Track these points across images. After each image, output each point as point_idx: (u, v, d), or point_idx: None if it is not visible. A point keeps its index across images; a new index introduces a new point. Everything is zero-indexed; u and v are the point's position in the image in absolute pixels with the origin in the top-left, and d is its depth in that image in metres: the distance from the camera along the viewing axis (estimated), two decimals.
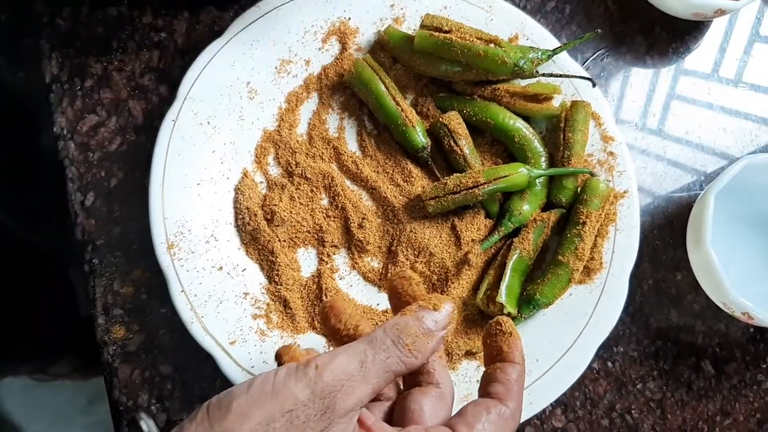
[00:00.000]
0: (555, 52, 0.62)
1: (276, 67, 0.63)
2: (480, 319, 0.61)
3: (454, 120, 0.62)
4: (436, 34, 0.61)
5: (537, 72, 0.62)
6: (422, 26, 0.62)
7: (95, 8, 0.65)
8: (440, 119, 0.62)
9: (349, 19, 0.64)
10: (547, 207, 0.63)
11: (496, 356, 0.39)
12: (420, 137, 0.62)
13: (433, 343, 0.37)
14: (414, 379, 0.39)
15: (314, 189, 0.62)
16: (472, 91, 0.63)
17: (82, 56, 0.64)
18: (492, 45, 0.61)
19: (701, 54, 0.73)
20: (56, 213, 0.63)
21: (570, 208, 0.62)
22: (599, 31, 0.65)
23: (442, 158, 0.64)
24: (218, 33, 0.63)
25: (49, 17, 0.64)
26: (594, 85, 0.63)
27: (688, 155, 0.70)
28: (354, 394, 0.33)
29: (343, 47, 0.64)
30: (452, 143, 0.62)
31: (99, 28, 0.64)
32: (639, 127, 0.70)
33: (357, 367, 0.33)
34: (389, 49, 0.64)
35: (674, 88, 0.72)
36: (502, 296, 0.58)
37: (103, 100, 0.63)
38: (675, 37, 0.73)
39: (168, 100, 0.63)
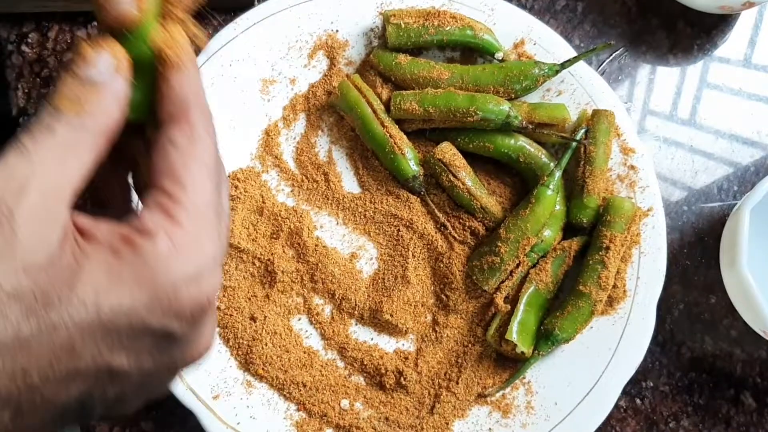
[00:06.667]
0: (563, 66, 0.56)
1: (259, 90, 0.58)
2: (494, 356, 0.55)
3: (448, 152, 0.55)
4: (407, 100, 0.55)
5: (525, 125, 0.55)
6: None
7: (63, 31, 0.60)
8: (433, 154, 0.55)
9: (337, 31, 0.58)
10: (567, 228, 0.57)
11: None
12: (411, 165, 0.56)
13: (109, 93, 0.27)
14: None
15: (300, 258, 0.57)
16: None
17: (49, 86, 0.59)
18: (475, 95, 0.54)
19: (729, 50, 0.66)
20: None
21: (592, 231, 0.56)
22: (612, 42, 0.58)
23: (441, 191, 0.58)
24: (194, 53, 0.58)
25: (15, 44, 0.60)
26: (579, 145, 0.56)
27: (721, 156, 0.63)
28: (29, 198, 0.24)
29: (332, 62, 0.59)
30: (451, 177, 0.55)
31: (67, 53, 0.60)
32: (662, 135, 0.63)
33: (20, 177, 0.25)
34: (379, 72, 0.58)
35: (701, 89, 0.65)
36: (513, 334, 0.53)
37: None
38: (700, 32, 0.66)
39: None
